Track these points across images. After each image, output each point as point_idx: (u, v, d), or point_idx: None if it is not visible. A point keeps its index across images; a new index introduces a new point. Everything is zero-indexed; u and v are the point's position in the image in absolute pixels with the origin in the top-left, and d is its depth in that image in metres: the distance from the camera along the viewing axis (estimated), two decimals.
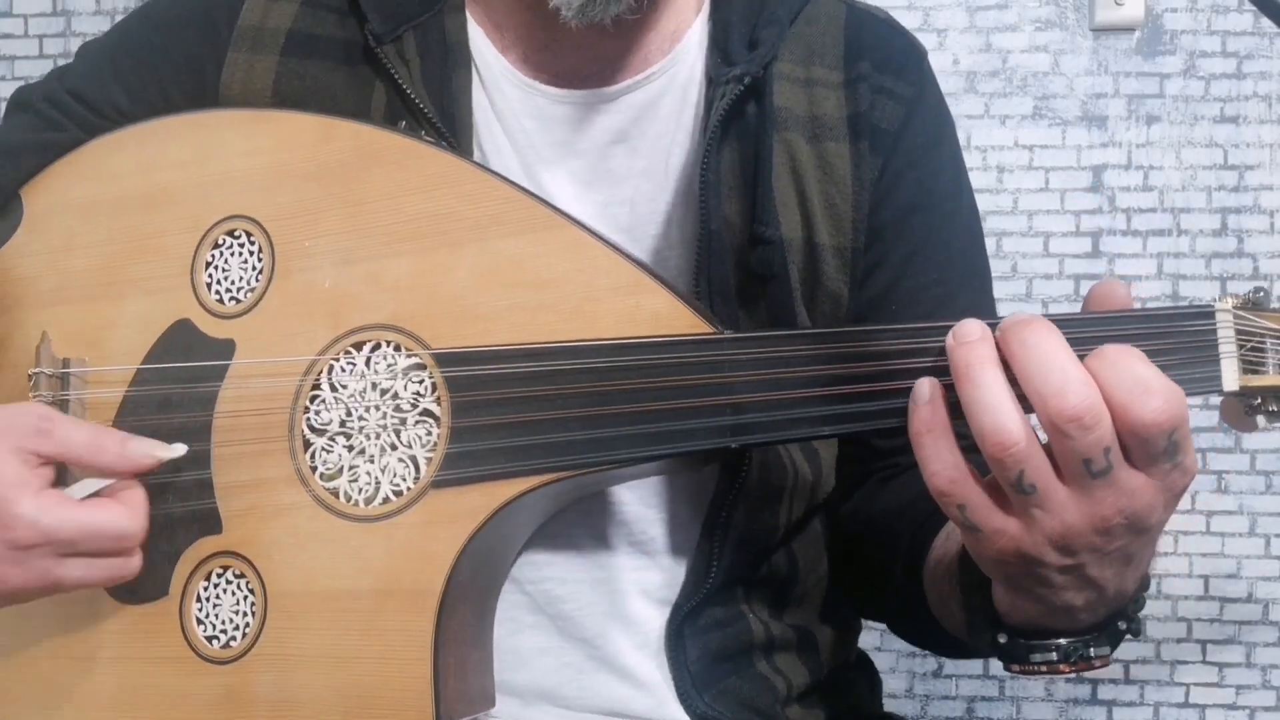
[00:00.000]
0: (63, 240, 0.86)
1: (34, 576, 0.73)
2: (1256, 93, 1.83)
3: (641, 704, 0.89)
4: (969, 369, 0.62)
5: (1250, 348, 0.65)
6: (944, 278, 0.91)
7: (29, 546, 0.72)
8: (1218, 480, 1.84)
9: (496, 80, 0.89)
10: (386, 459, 0.76)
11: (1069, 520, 0.62)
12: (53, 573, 0.74)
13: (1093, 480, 0.61)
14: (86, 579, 0.75)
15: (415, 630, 0.73)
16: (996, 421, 0.61)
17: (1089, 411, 0.60)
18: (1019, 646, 0.70)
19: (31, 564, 0.73)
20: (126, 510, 0.75)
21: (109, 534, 0.74)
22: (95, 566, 0.75)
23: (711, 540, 0.87)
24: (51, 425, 0.75)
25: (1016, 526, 0.63)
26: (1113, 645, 0.69)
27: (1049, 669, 0.69)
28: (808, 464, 0.90)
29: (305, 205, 0.80)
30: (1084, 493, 0.62)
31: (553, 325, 0.74)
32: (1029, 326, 0.62)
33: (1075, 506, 0.62)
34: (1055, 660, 0.69)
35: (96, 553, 0.74)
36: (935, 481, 0.63)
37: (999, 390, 0.61)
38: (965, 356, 0.63)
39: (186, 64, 0.91)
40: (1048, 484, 0.62)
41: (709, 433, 0.71)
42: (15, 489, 0.73)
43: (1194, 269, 1.84)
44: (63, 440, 0.75)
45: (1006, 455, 0.61)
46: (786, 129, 0.87)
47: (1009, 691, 1.86)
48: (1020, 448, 0.61)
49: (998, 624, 0.71)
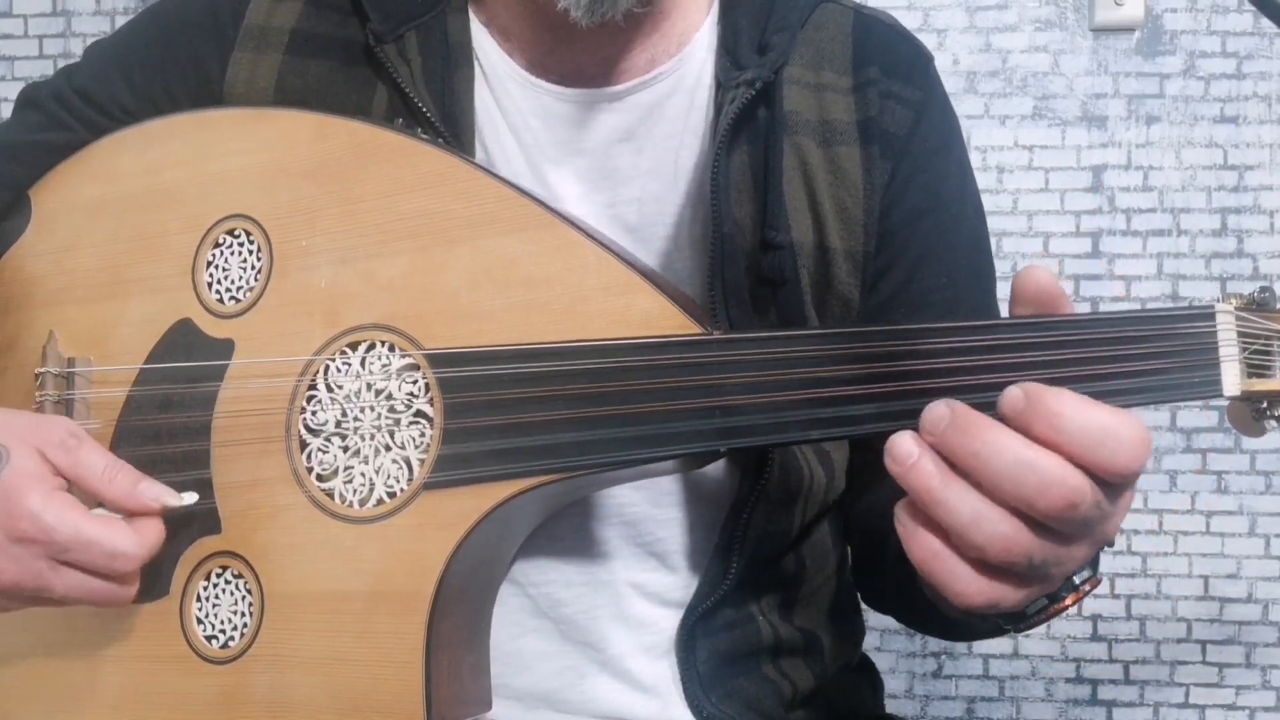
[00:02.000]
0: (69, 240, 0.87)
1: (26, 574, 0.73)
2: (1256, 93, 1.83)
3: (644, 708, 0.89)
4: (930, 493, 0.59)
5: (1254, 350, 0.63)
6: (952, 281, 0.91)
7: (26, 540, 0.72)
8: (1218, 480, 1.84)
9: (501, 79, 0.89)
10: (381, 460, 0.76)
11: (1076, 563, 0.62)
12: (43, 576, 0.73)
13: (1093, 529, 0.60)
14: (74, 592, 0.74)
15: (407, 632, 0.73)
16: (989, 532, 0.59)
17: (1076, 494, 0.58)
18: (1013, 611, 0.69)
19: (26, 561, 0.73)
20: (132, 536, 0.74)
21: (105, 549, 0.73)
22: (85, 583, 0.74)
23: (731, 542, 0.87)
24: (76, 443, 0.75)
25: (1037, 590, 0.63)
26: (1093, 566, 0.67)
27: (1044, 615, 0.67)
28: (821, 467, 0.91)
29: (302, 204, 0.81)
30: (1089, 538, 0.61)
31: (544, 325, 0.74)
32: (969, 432, 0.59)
33: (1083, 551, 0.62)
34: (1047, 604, 0.66)
35: (89, 567, 0.74)
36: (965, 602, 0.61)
37: (973, 502, 0.59)
38: (917, 482, 0.60)
39: (192, 64, 0.91)
40: (1057, 554, 0.61)
41: (698, 435, 0.70)
42: (31, 480, 0.73)
43: (1194, 269, 1.84)
44: (82, 461, 0.75)
45: (1015, 557, 0.59)
46: (797, 133, 0.87)
47: (1009, 691, 1.86)
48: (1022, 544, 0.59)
49: None
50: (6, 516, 0.72)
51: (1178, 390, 0.63)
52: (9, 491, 0.72)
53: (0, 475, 0.73)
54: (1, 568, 0.73)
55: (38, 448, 0.74)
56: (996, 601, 0.61)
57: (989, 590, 0.61)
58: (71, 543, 0.73)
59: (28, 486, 0.73)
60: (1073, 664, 1.85)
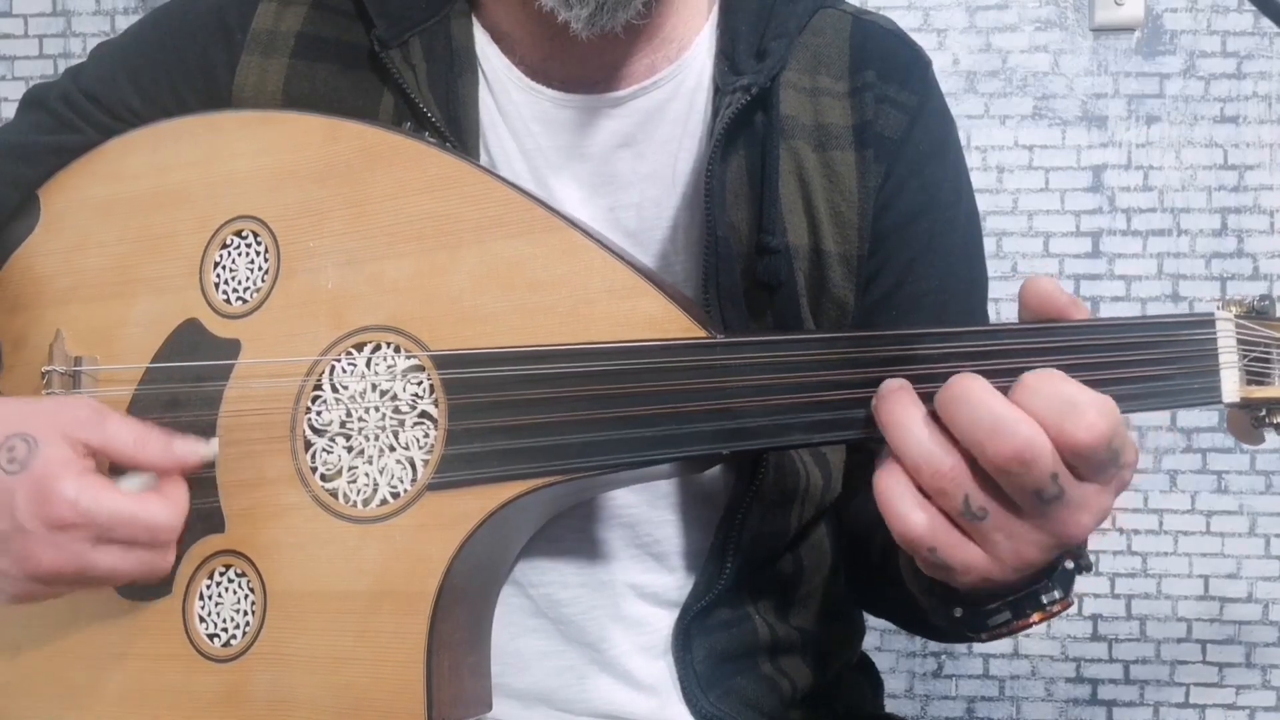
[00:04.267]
0: (78, 240, 0.87)
1: (67, 558, 0.73)
2: (1256, 93, 1.83)
3: (643, 706, 0.89)
4: (891, 417, 0.64)
5: (1253, 358, 0.64)
6: (944, 284, 0.92)
7: (66, 526, 0.73)
8: (1218, 480, 1.84)
9: (503, 84, 0.89)
10: (385, 460, 0.76)
11: (1030, 546, 0.64)
12: (85, 556, 0.73)
13: (1047, 506, 0.62)
14: (118, 568, 0.75)
15: (409, 633, 0.73)
16: (923, 452, 0.63)
17: (1027, 446, 0.60)
18: (976, 615, 0.71)
19: (66, 545, 0.73)
20: (166, 504, 0.76)
21: (144, 523, 0.74)
22: (128, 557, 0.75)
23: (726, 543, 0.87)
24: (102, 419, 0.76)
25: (982, 559, 0.64)
26: (1064, 588, 0.68)
27: (1007, 628, 0.70)
28: (818, 469, 0.91)
29: (310, 206, 0.81)
30: (1043, 518, 0.63)
31: (549, 328, 0.74)
32: (953, 380, 0.63)
33: (1036, 533, 0.63)
34: (1011, 619, 0.69)
35: (130, 542, 0.74)
36: (903, 528, 0.64)
37: (919, 426, 0.63)
38: (886, 409, 0.65)
39: (199, 67, 0.91)
40: (998, 510, 0.63)
41: (702, 438, 0.71)
42: (60, 467, 0.73)
43: (1194, 269, 1.84)
44: (112, 434, 0.76)
45: (944, 482, 0.62)
46: (793, 137, 0.88)
47: (1009, 691, 1.86)
48: (952, 470, 0.62)
49: (952, 599, 0.72)
50: (42, 505, 0.72)
51: (1177, 396, 0.64)
52: (42, 481, 0.73)
53: (31, 465, 0.73)
54: (42, 557, 0.73)
55: (63, 432, 0.75)
56: (933, 542, 0.64)
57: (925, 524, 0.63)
58: (113, 521, 0.73)
59: (60, 474, 0.73)
60: (1073, 664, 1.86)
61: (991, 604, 0.70)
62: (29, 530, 0.73)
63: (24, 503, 0.73)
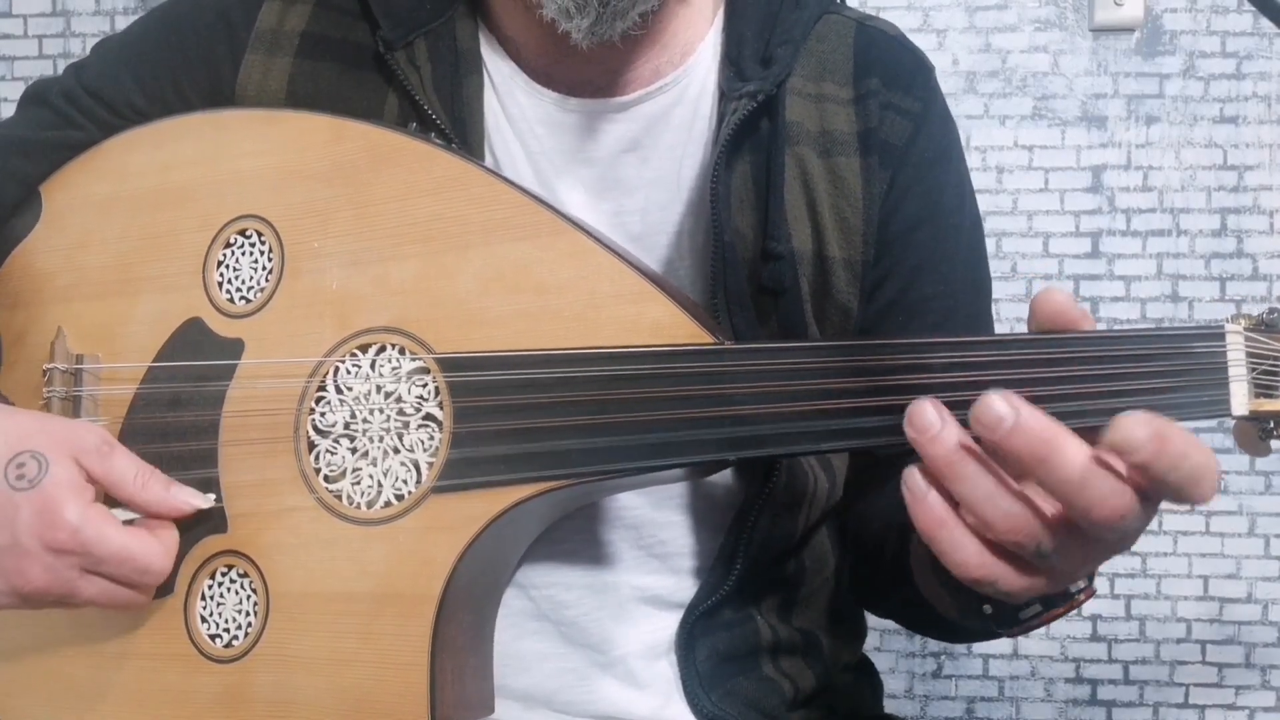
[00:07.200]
0: (80, 237, 0.87)
1: (56, 581, 0.74)
2: (1256, 93, 1.83)
3: (644, 706, 0.89)
4: (951, 467, 0.59)
5: (1262, 371, 0.64)
6: (949, 290, 0.92)
7: (63, 551, 0.73)
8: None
9: (508, 87, 0.89)
10: (389, 462, 0.76)
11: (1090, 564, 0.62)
12: (73, 583, 0.74)
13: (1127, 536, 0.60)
14: (98, 599, 0.75)
15: (413, 635, 0.73)
16: (1001, 509, 0.59)
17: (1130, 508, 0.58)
18: (1006, 610, 0.70)
19: (58, 570, 0.74)
20: (161, 549, 0.76)
21: (138, 564, 0.75)
22: (112, 591, 0.76)
23: (736, 546, 0.87)
24: (109, 450, 0.76)
25: (1043, 583, 0.63)
26: (1089, 577, 0.67)
27: (1037, 620, 0.68)
28: (824, 473, 0.92)
29: (315, 206, 0.81)
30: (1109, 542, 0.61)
31: (555, 332, 0.74)
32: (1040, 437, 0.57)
33: (1099, 553, 0.62)
34: (1041, 610, 0.68)
35: (118, 578, 0.75)
36: (965, 573, 0.61)
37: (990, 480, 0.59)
38: (937, 452, 0.59)
39: (203, 65, 0.91)
40: (1066, 545, 0.60)
41: (708, 445, 0.70)
42: (68, 491, 0.74)
43: (1194, 269, 1.84)
44: (114, 468, 0.76)
45: (1020, 537, 0.59)
46: (798, 144, 0.88)
47: (1009, 692, 1.86)
48: (1029, 525, 0.59)
49: (983, 597, 0.70)
50: (45, 526, 0.73)
51: (1186, 409, 0.64)
52: (48, 502, 0.73)
53: (40, 484, 0.73)
54: (32, 575, 0.73)
55: (73, 456, 0.75)
56: (995, 579, 0.61)
57: (990, 566, 0.61)
58: (108, 558, 0.74)
59: (66, 498, 0.73)
60: (1073, 664, 1.86)
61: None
62: (26, 548, 0.73)
63: (27, 520, 0.73)
